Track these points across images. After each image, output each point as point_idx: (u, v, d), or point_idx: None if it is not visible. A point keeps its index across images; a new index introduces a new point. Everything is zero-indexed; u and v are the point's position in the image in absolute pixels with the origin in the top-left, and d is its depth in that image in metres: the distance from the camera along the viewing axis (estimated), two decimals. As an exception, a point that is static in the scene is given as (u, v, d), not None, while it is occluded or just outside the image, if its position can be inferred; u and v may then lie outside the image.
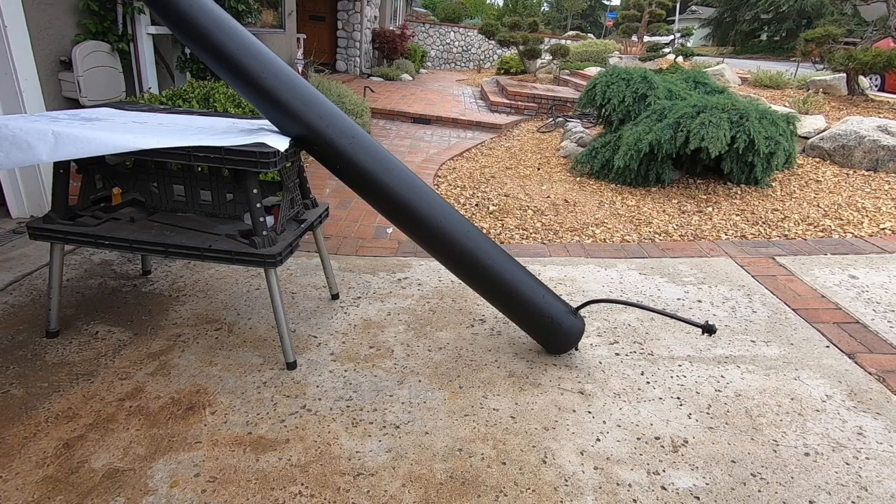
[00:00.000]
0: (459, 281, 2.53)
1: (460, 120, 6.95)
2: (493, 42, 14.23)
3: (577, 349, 2.01)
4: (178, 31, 1.60)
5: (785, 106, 5.88)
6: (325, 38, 10.92)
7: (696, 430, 1.66)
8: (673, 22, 12.84)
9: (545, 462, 1.52)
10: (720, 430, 1.66)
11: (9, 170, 2.82)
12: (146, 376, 1.78)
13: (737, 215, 3.54)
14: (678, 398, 1.80)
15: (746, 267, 2.77)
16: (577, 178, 4.47)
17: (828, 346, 2.10)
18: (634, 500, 1.41)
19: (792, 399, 1.81)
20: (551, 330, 1.89)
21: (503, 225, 3.38)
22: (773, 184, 4.14)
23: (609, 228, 3.33)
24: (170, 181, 1.90)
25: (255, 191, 1.69)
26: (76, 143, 1.53)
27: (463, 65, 16.82)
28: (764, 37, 24.56)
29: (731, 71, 8.60)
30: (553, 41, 13.30)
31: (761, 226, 3.37)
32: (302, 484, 1.41)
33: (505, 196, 3.91)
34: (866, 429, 1.68)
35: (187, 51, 3.80)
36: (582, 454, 1.55)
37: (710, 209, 3.65)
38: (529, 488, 1.43)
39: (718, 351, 2.07)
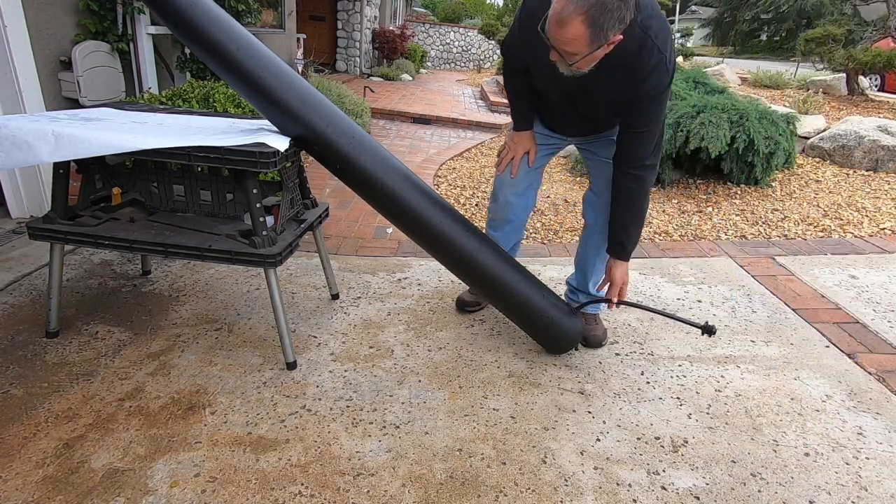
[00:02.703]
0: (459, 281, 2.53)
1: (460, 120, 6.95)
2: (493, 42, 14.24)
3: (577, 349, 2.01)
4: (178, 31, 1.60)
5: (785, 106, 5.89)
6: (325, 38, 10.92)
7: (696, 430, 1.66)
8: (673, 22, 12.85)
9: (545, 462, 1.52)
10: (720, 430, 1.66)
11: (9, 170, 2.82)
12: (146, 376, 1.78)
13: (737, 215, 3.54)
14: (678, 398, 1.80)
15: (746, 267, 2.77)
16: (577, 178, 4.47)
17: (828, 346, 2.10)
18: (634, 500, 1.41)
19: (792, 399, 1.81)
20: (550, 330, 1.89)
21: (503, 225, 3.38)
22: (773, 184, 4.14)
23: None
24: (170, 181, 1.90)
25: (254, 191, 1.69)
26: (76, 143, 1.53)
27: (463, 65, 16.82)
28: (764, 37, 24.56)
29: (730, 71, 8.61)
30: (553, 41, 13.25)
31: (761, 226, 3.37)
32: (302, 484, 1.41)
33: (505, 196, 3.91)
34: (866, 429, 1.68)
35: (187, 51, 3.80)
36: (582, 454, 1.55)
37: (709, 209, 3.65)
38: (529, 488, 1.43)
39: (718, 351, 2.07)
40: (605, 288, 1.87)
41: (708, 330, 1.72)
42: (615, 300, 1.82)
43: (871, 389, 1.86)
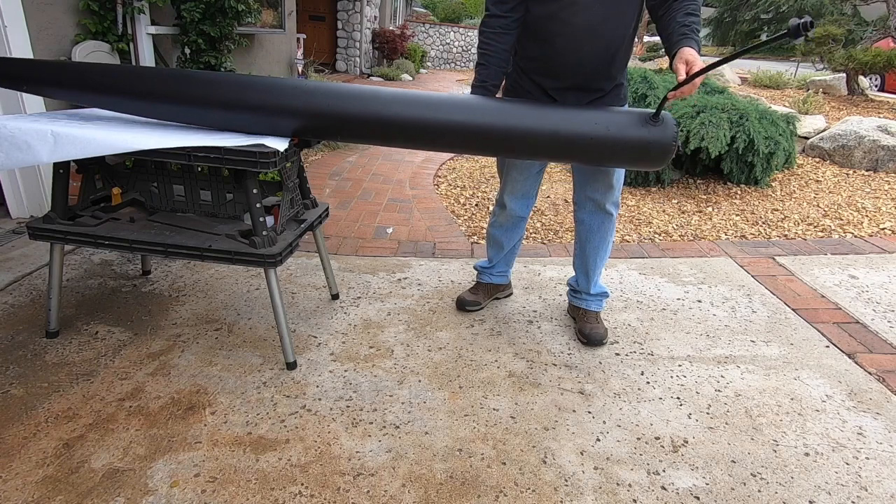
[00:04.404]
0: (460, 281, 2.54)
1: (460, 120, 6.93)
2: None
3: (680, 149, 1.65)
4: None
5: (785, 106, 5.89)
6: (325, 38, 10.92)
7: (696, 430, 1.66)
8: (673, 22, 12.78)
9: (545, 462, 1.52)
10: (720, 430, 1.66)
11: (8, 170, 2.82)
12: (146, 376, 1.78)
13: (737, 215, 3.54)
14: (678, 398, 1.80)
15: (746, 267, 2.77)
16: (577, 178, 4.47)
17: (828, 346, 2.10)
18: (634, 500, 1.41)
19: (792, 399, 1.81)
20: (640, 153, 1.61)
21: (503, 225, 3.38)
22: (773, 184, 4.14)
23: (609, 228, 3.33)
24: (170, 181, 1.90)
25: (254, 191, 1.69)
26: (76, 143, 1.53)
27: (463, 65, 16.81)
28: (764, 37, 24.56)
29: (730, 71, 8.61)
30: (553, 41, 13.24)
31: (761, 226, 3.37)
32: (302, 484, 1.41)
33: (505, 196, 3.91)
34: (866, 429, 1.68)
35: (187, 51, 3.80)
36: (582, 454, 1.55)
37: (709, 209, 3.65)
38: (529, 488, 1.43)
39: (718, 351, 2.07)
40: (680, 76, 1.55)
41: (804, 28, 1.24)
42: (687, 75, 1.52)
43: (871, 389, 1.86)
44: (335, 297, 2.33)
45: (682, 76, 1.52)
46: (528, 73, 1.83)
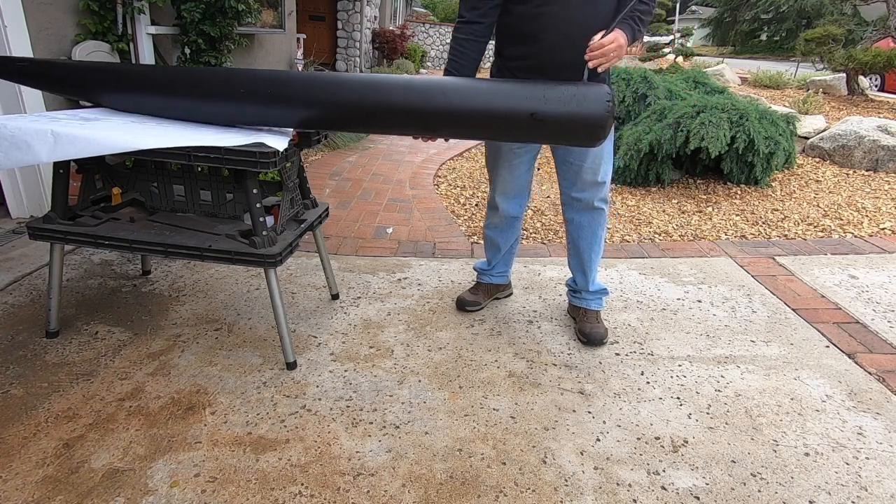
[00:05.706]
0: (460, 281, 2.54)
1: (460, 120, 6.92)
2: (492, 42, 14.18)
3: (613, 120, 1.61)
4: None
5: (785, 106, 5.89)
6: (325, 38, 10.91)
7: (696, 430, 1.66)
8: (673, 22, 12.84)
9: (545, 462, 1.52)
10: (720, 430, 1.66)
11: (8, 170, 2.82)
12: (146, 376, 1.78)
13: (737, 215, 3.54)
14: (678, 398, 1.80)
15: (746, 267, 2.77)
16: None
17: (828, 346, 2.10)
18: (634, 500, 1.41)
19: (792, 399, 1.81)
20: (572, 125, 1.54)
21: (503, 225, 3.38)
22: (773, 184, 4.14)
23: (608, 228, 3.33)
24: (169, 181, 1.90)
25: (254, 191, 1.69)
26: (75, 143, 1.53)
27: (463, 65, 16.80)
28: (764, 37, 24.59)
29: (730, 71, 8.61)
30: (553, 41, 13.23)
31: (761, 226, 3.37)
32: (302, 484, 1.41)
33: (505, 196, 3.90)
34: (866, 429, 1.68)
35: (187, 51, 3.80)
36: (582, 454, 1.55)
37: (709, 209, 3.65)
38: (529, 488, 1.43)
39: (718, 351, 2.07)
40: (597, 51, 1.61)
41: None
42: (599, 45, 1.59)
43: (871, 389, 1.86)
44: (335, 297, 2.33)
45: (596, 40, 1.59)
46: (514, 72, 1.81)
